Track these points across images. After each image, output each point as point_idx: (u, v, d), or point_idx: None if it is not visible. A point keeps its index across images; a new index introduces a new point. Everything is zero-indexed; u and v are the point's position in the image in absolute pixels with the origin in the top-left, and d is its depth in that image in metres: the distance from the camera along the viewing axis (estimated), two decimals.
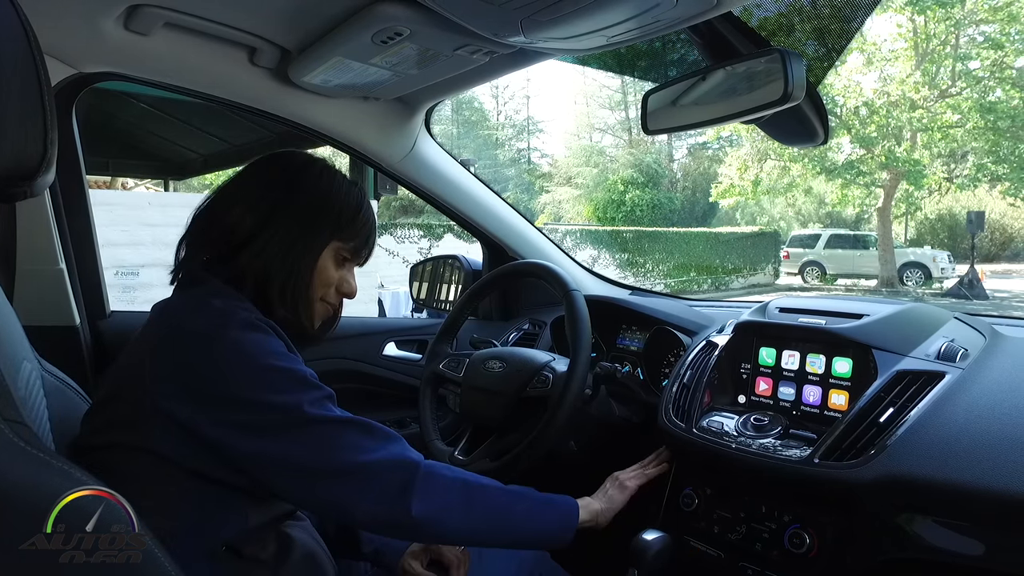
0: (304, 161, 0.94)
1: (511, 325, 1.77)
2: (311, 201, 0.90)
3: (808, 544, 0.97)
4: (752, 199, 16.76)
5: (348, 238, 0.93)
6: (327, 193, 0.91)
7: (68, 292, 1.37)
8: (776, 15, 1.21)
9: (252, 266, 0.86)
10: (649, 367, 1.48)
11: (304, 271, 0.90)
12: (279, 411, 0.77)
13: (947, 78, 13.56)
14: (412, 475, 0.82)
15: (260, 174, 0.92)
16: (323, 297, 0.94)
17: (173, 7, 1.07)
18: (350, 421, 0.82)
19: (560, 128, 44.09)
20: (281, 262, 0.87)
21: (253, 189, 0.90)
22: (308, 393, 0.79)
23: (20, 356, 0.81)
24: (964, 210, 17.67)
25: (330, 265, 0.93)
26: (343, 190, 0.93)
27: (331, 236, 0.91)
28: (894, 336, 1.07)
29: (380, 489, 0.80)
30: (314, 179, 0.92)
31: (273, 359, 0.79)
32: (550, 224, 20.78)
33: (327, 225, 0.91)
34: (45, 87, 0.52)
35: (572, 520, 0.96)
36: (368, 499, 0.79)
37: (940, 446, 0.87)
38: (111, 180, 8.16)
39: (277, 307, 0.87)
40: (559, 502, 0.97)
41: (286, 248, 0.88)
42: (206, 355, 0.76)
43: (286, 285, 0.88)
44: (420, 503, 0.80)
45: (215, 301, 0.81)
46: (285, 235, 0.88)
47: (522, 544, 1.00)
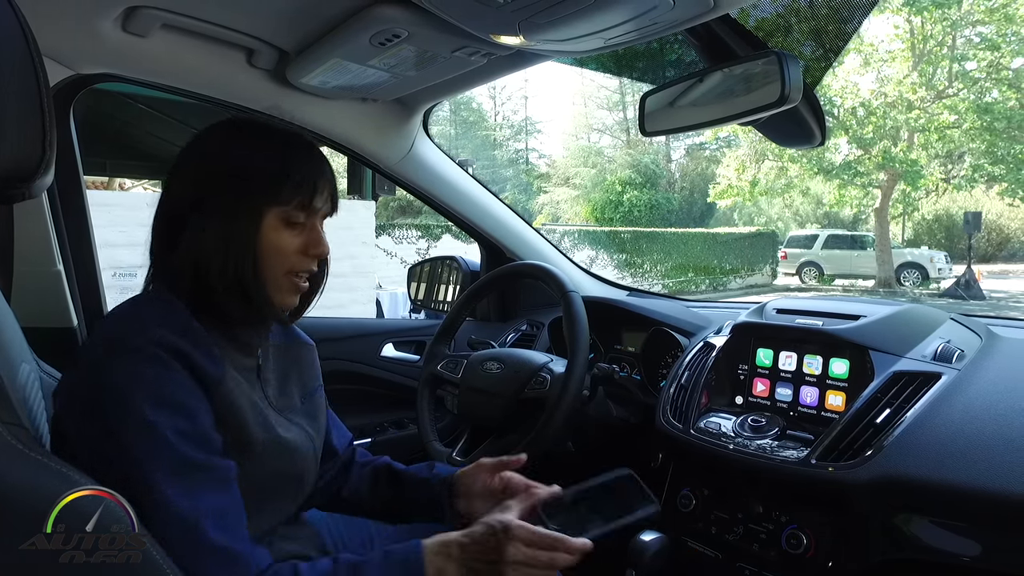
0: (215, 127, 0.83)
1: (509, 326, 1.77)
2: (227, 170, 0.79)
3: (805, 544, 0.97)
4: (750, 200, 16.76)
5: (287, 198, 0.80)
6: (242, 155, 0.80)
7: (66, 294, 1.37)
8: (773, 16, 1.21)
9: (186, 259, 0.77)
10: (647, 368, 1.48)
11: (244, 252, 0.78)
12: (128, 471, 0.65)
13: (944, 79, 13.59)
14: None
15: (183, 156, 0.82)
16: (289, 271, 0.82)
17: (171, 8, 1.07)
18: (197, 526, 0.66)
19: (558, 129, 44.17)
20: (215, 248, 0.77)
21: (177, 173, 0.81)
22: (168, 461, 0.67)
23: (18, 358, 0.81)
24: (961, 211, 17.70)
25: (280, 234, 0.81)
26: (261, 144, 0.81)
27: (265, 202, 0.79)
28: (891, 337, 1.07)
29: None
30: (224, 143, 0.81)
31: (149, 407, 0.67)
32: (548, 225, 20.78)
33: (254, 191, 0.79)
34: (43, 88, 0.52)
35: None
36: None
37: (936, 447, 0.88)
38: (109, 181, 8.14)
39: (223, 301, 0.78)
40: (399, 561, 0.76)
41: (217, 231, 0.77)
42: (85, 382, 0.70)
43: (225, 273, 0.77)
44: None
45: (135, 310, 0.76)
46: (212, 216, 0.77)
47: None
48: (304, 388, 0.95)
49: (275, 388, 0.90)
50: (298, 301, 0.87)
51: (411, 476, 1.03)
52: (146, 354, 0.70)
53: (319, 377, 0.99)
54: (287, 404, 0.90)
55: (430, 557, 0.76)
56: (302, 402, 0.93)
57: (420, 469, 1.04)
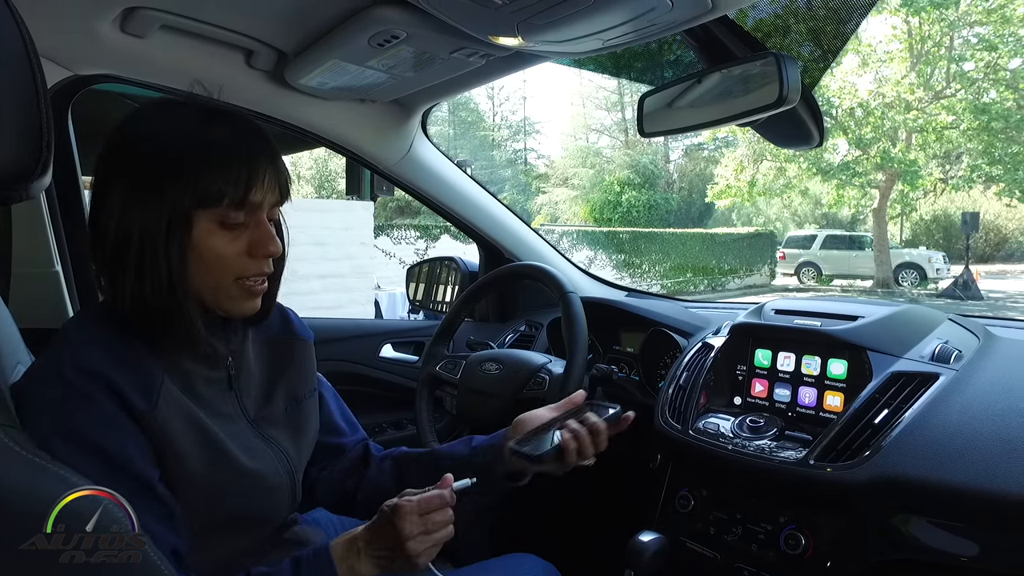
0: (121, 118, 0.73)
1: (507, 327, 1.77)
2: (136, 168, 0.69)
3: (804, 545, 0.97)
4: (748, 200, 16.79)
5: (214, 196, 0.69)
6: (167, 149, 0.69)
7: (64, 294, 1.37)
8: (772, 17, 1.21)
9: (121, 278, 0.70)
10: (645, 369, 1.48)
11: (168, 267, 0.69)
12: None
13: (942, 79, 13.62)
14: None
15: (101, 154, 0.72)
16: (239, 276, 0.74)
17: (169, 10, 1.07)
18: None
19: (556, 129, 44.08)
20: (141, 265, 0.68)
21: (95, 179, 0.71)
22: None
23: (15, 359, 0.81)
24: (959, 211, 17.73)
25: (213, 240, 0.71)
26: (189, 133, 0.70)
27: (186, 204, 0.69)
28: (889, 338, 1.07)
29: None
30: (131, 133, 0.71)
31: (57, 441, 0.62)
32: (547, 225, 20.78)
33: (176, 195, 0.68)
34: (41, 89, 0.52)
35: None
36: None
37: (934, 447, 0.88)
38: None
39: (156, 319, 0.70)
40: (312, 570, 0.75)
41: (139, 245, 0.68)
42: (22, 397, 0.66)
43: (145, 293, 0.69)
44: None
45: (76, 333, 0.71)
46: (128, 230, 0.68)
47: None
48: (292, 395, 0.89)
49: (256, 396, 0.84)
50: (260, 303, 0.80)
51: (449, 455, 0.96)
52: (72, 387, 0.65)
53: (313, 380, 0.94)
54: (268, 414, 0.84)
55: (340, 555, 0.75)
56: (287, 409, 0.87)
57: (456, 446, 0.97)
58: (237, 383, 0.82)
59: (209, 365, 0.78)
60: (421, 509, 0.75)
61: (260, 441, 0.81)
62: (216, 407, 0.77)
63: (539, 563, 1.09)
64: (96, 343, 0.69)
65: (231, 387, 0.81)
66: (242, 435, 0.79)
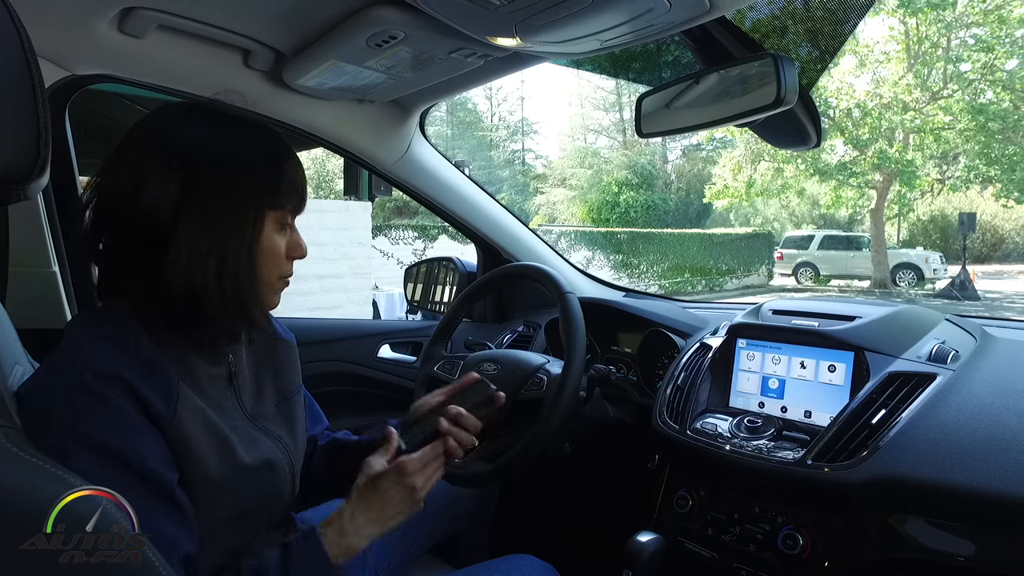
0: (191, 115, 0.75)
1: (505, 327, 1.77)
2: (225, 173, 0.73)
3: (801, 545, 0.98)
4: (746, 201, 16.81)
5: (284, 200, 0.77)
6: (243, 156, 0.74)
7: (61, 295, 1.36)
8: (769, 18, 1.22)
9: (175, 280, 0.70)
10: (643, 369, 1.48)
11: (246, 264, 0.74)
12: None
13: (939, 80, 13.66)
14: None
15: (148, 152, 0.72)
16: (280, 275, 0.80)
17: (167, 10, 1.07)
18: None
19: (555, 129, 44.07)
20: (208, 257, 0.71)
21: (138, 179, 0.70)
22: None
23: (13, 359, 0.81)
24: (956, 211, 17.76)
25: (274, 239, 0.77)
26: (257, 141, 0.76)
27: (263, 207, 0.75)
28: (886, 338, 1.08)
29: None
30: (219, 140, 0.74)
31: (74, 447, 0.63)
32: (545, 225, 20.78)
33: (254, 196, 0.74)
34: (38, 89, 0.52)
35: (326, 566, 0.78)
36: None
37: (931, 447, 0.88)
38: None
39: (222, 316, 0.74)
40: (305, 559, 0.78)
41: (212, 238, 0.71)
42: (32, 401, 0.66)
43: (224, 290, 0.72)
44: None
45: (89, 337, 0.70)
46: (203, 221, 0.71)
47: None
48: (280, 392, 0.90)
49: (251, 394, 0.85)
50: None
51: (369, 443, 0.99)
52: (93, 392, 0.65)
53: (299, 378, 0.95)
54: (262, 410, 0.86)
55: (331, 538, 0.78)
56: (277, 407, 0.88)
57: (376, 430, 1.02)
58: (236, 380, 0.83)
59: (213, 362, 0.80)
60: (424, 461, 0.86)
61: (260, 434, 0.83)
62: (219, 403, 0.78)
63: (538, 564, 1.09)
64: (110, 345, 0.69)
65: (231, 383, 0.82)
66: (243, 430, 0.80)
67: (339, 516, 0.81)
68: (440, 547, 1.33)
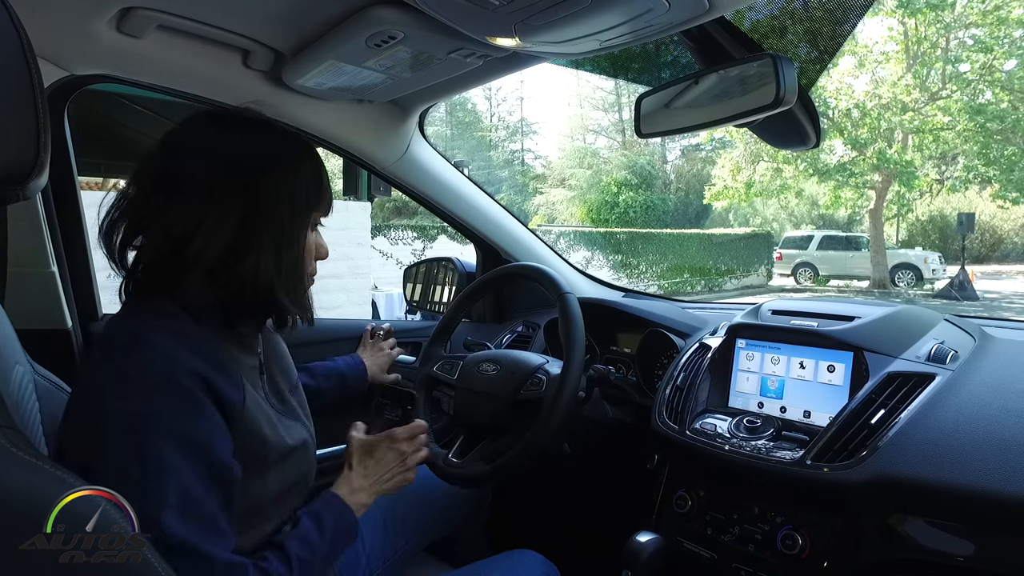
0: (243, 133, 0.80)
1: (505, 327, 1.77)
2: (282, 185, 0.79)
3: (800, 545, 0.98)
4: (745, 201, 16.82)
5: (322, 202, 0.85)
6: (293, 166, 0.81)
7: (60, 295, 1.36)
8: (768, 19, 1.22)
9: (245, 279, 0.76)
10: (642, 369, 1.48)
11: (299, 262, 0.82)
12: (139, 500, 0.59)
13: (938, 81, 13.66)
14: None
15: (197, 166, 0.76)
16: (311, 272, 0.89)
17: (166, 9, 1.07)
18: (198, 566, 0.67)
19: (554, 130, 44.00)
20: (281, 269, 0.78)
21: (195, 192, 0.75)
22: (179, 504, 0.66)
23: (12, 360, 0.81)
24: (955, 212, 17.77)
25: (311, 238, 0.86)
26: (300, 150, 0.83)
27: (310, 210, 0.83)
28: (885, 338, 1.08)
29: None
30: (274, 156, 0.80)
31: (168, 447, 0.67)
32: (544, 226, 20.78)
33: (303, 202, 0.81)
34: (38, 89, 0.52)
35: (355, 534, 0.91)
36: None
37: (930, 447, 0.88)
38: (103, 182, 8.11)
39: (287, 307, 0.81)
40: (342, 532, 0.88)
41: (281, 251, 0.78)
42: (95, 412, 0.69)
43: (287, 287, 0.80)
44: None
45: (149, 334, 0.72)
46: (275, 238, 0.78)
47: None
48: (288, 382, 0.96)
49: (273, 383, 0.91)
50: None
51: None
52: (169, 388, 0.68)
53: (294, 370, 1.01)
54: (283, 398, 0.91)
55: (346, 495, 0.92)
56: (290, 393, 0.94)
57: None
58: (265, 369, 0.89)
59: (249, 353, 0.86)
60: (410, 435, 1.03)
61: (290, 418, 0.89)
62: (257, 391, 0.83)
63: (539, 559, 1.09)
64: (183, 342, 0.73)
65: (262, 372, 0.88)
66: (275, 414, 0.85)
67: (346, 479, 0.95)
68: (436, 546, 1.33)
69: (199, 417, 0.70)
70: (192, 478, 0.68)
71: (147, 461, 0.66)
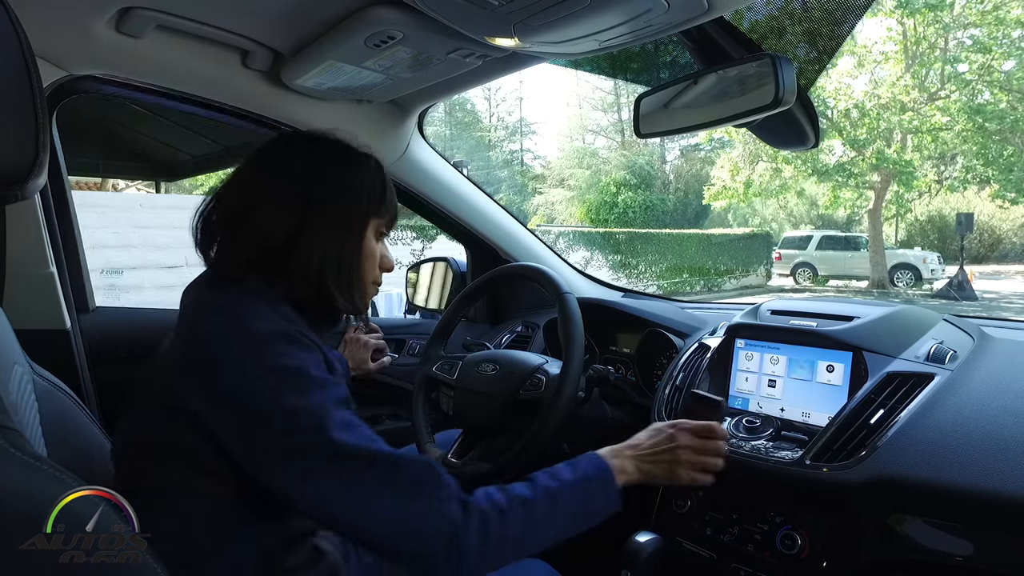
0: (314, 143, 0.89)
1: (504, 327, 1.77)
2: (344, 187, 0.87)
3: (800, 545, 0.98)
4: (744, 201, 16.82)
5: (383, 212, 0.91)
6: (356, 175, 0.88)
7: (59, 295, 1.36)
8: (767, 19, 1.22)
9: (303, 265, 0.83)
10: (642, 369, 1.48)
11: (356, 259, 0.88)
12: (300, 430, 0.70)
13: (936, 81, 13.67)
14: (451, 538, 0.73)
15: (278, 168, 0.86)
16: (373, 280, 0.93)
17: (165, 9, 1.07)
18: (384, 461, 0.74)
19: (553, 130, 43.95)
20: (335, 257, 0.85)
21: (277, 186, 0.84)
22: (337, 415, 0.73)
23: (11, 360, 0.81)
24: (954, 212, 17.77)
25: (373, 244, 0.91)
26: (363, 163, 0.90)
27: (368, 216, 0.89)
28: (884, 338, 1.08)
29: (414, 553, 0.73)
30: (335, 161, 0.88)
31: (321, 376, 0.75)
32: (543, 226, 20.75)
33: (364, 206, 0.88)
34: (36, 89, 0.52)
35: (613, 496, 0.89)
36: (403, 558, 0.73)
37: (929, 447, 0.88)
38: (102, 182, 8.11)
39: (338, 299, 0.85)
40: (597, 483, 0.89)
41: (336, 242, 0.85)
42: (237, 372, 0.72)
43: (341, 279, 0.85)
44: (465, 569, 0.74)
45: (260, 307, 0.78)
46: (330, 229, 0.84)
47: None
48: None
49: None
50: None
51: None
52: (301, 342, 0.75)
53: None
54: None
55: (610, 461, 0.91)
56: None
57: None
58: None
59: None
60: (698, 430, 0.98)
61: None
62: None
63: (543, 568, 1.08)
64: (289, 313, 0.80)
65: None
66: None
67: (620, 450, 0.94)
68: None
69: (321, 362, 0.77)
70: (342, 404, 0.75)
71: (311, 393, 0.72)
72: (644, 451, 0.95)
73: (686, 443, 0.95)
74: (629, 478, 0.91)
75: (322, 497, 0.71)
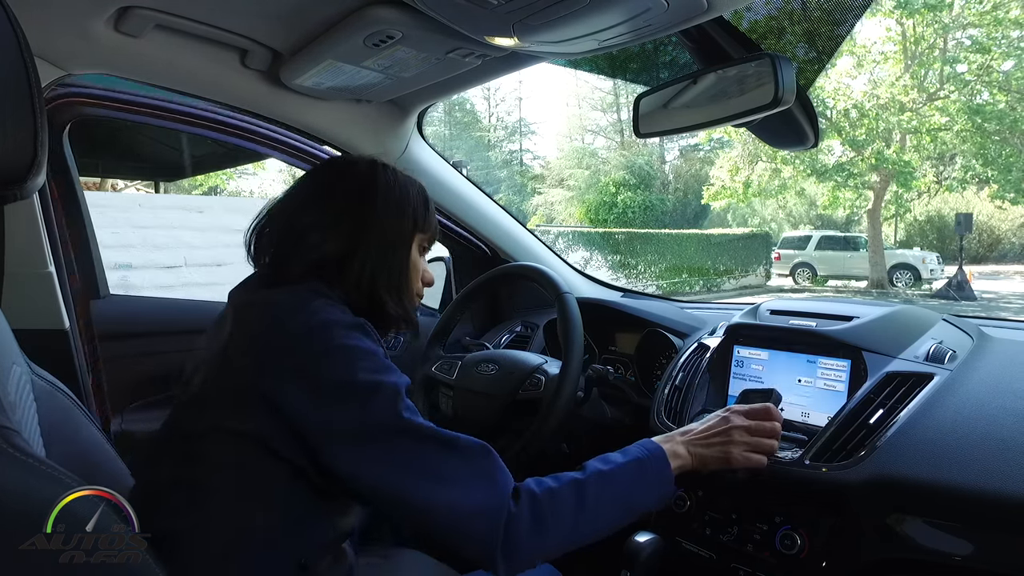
0: (366, 168, 0.95)
1: (503, 328, 1.77)
2: (391, 205, 0.92)
3: (799, 545, 0.98)
4: (743, 201, 16.82)
5: (426, 228, 0.96)
6: (402, 194, 0.94)
7: (58, 295, 1.36)
8: (767, 19, 1.22)
9: (356, 277, 0.88)
10: (641, 369, 1.48)
11: (404, 271, 0.93)
12: (375, 407, 0.75)
13: (935, 81, 13.68)
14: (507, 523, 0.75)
15: (330, 190, 0.92)
16: (416, 292, 0.98)
17: (164, 9, 1.06)
18: (448, 443, 0.77)
19: (552, 130, 43.91)
20: (386, 270, 0.90)
21: (329, 207, 0.90)
22: (405, 399, 0.78)
23: (9, 360, 0.81)
24: (952, 212, 17.78)
25: (417, 257, 0.97)
26: (409, 185, 0.96)
27: (414, 231, 0.95)
28: (884, 338, 1.08)
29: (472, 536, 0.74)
30: (386, 183, 0.94)
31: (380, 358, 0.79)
32: (542, 226, 20.76)
33: (409, 222, 0.94)
34: (35, 89, 0.52)
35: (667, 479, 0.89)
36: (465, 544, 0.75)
37: (929, 447, 0.88)
38: (101, 181, 8.10)
39: (389, 304, 0.90)
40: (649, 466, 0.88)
41: (387, 256, 0.90)
42: (315, 350, 0.76)
43: (391, 284, 0.90)
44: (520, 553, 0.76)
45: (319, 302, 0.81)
46: (381, 246, 0.90)
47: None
48: None
49: None
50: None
51: None
52: (372, 334, 0.80)
53: None
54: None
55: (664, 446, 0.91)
56: None
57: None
58: None
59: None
60: (753, 413, 0.95)
61: None
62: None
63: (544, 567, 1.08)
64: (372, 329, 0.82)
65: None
66: None
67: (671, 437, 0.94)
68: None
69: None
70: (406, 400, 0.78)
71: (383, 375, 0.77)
72: (697, 435, 0.94)
73: (740, 424, 0.94)
74: (683, 463, 0.90)
75: (388, 477, 0.73)
